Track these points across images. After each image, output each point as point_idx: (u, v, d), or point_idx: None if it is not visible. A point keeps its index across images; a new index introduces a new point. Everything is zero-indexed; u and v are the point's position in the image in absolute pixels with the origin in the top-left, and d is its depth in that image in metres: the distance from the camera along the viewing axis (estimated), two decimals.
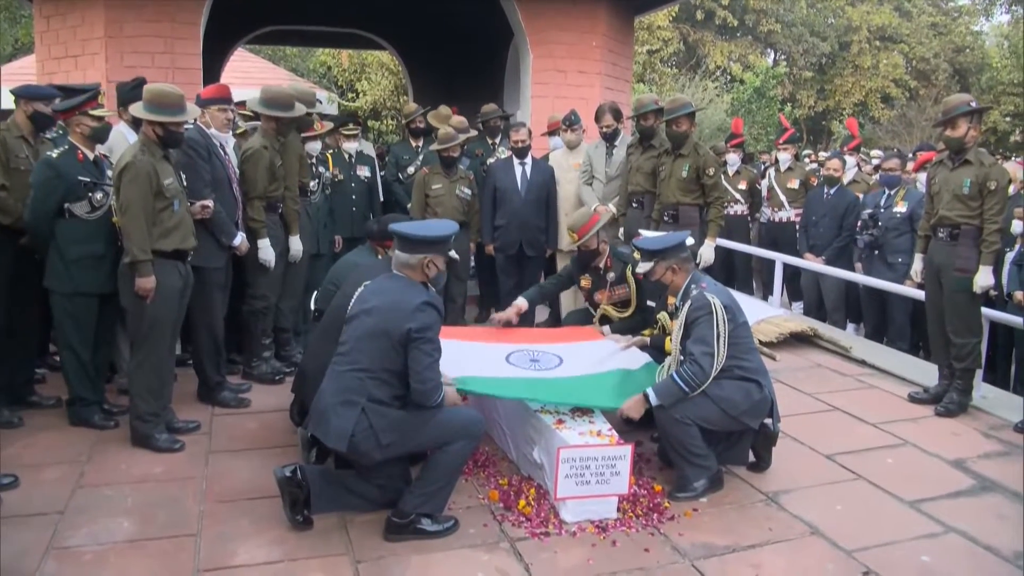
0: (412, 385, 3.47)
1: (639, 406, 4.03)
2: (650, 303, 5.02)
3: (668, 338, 4.39)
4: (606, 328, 5.14)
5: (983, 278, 4.99)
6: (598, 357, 4.65)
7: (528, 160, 6.77)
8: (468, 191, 6.71)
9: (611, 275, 5.19)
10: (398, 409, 3.51)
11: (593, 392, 4.27)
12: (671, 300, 4.33)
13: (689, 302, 4.02)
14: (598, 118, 6.73)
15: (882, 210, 7.36)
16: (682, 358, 4.07)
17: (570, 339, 4.95)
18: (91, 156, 4.59)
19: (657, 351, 4.62)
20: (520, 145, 6.72)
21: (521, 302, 5.22)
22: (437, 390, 3.50)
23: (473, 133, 7.24)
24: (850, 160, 8.68)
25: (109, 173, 4.62)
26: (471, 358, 4.38)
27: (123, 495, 3.86)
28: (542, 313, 7.40)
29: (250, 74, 15.40)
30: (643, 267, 4.24)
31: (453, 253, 3.78)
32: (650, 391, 3.98)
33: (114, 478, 4.04)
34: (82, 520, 3.61)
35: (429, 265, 3.58)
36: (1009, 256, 6.08)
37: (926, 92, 26.87)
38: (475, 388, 4.15)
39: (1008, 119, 26.72)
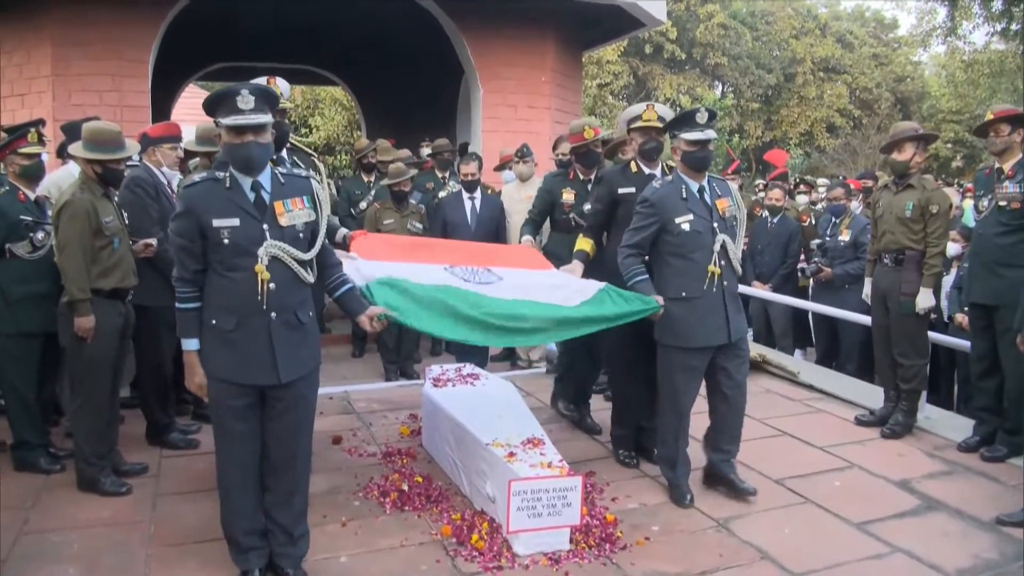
0: None
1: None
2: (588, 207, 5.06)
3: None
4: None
5: (924, 299, 5.12)
6: (548, 285, 4.36)
7: (477, 195, 6.81)
8: (419, 225, 6.74)
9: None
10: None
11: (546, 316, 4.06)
12: (722, 204, 4.26)
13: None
14: (555, 147, 6.72)
15: (828, 238, 7.56)
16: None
17: (516, 264, 4.68)
18: (32, 196, 4.56)
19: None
20: (470, 178, 6.77)
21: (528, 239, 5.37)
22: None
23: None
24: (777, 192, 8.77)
25: (51, 213, 4.58)
26: (405, 271, 4.10)
27: (69, 541, 3.78)
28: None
29: (201, 111, 15.32)
30: None
31: None
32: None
33: (60, 523, 3.96)
34: (26, 567, 3.52)
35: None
36: (947, 280, 6.26)
37: (869, 121, 27.66)
38: (390, 300, 3.77)
39: (949, 146, 27.57)
